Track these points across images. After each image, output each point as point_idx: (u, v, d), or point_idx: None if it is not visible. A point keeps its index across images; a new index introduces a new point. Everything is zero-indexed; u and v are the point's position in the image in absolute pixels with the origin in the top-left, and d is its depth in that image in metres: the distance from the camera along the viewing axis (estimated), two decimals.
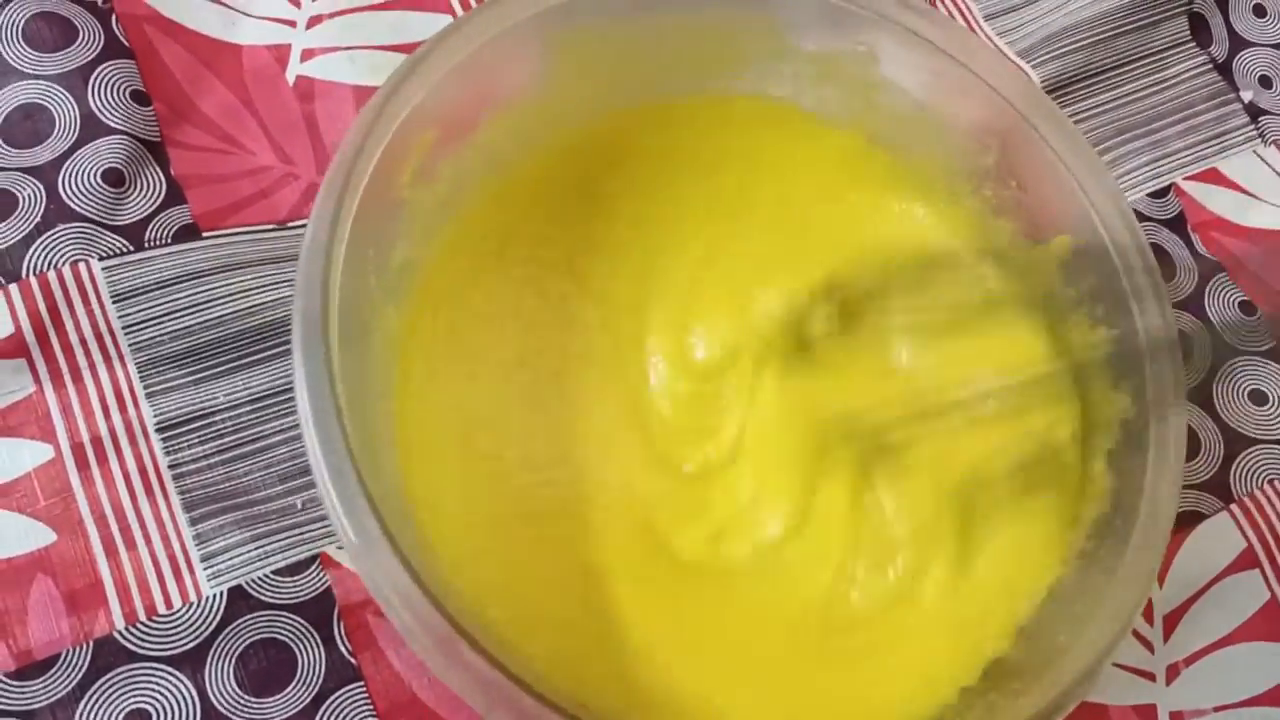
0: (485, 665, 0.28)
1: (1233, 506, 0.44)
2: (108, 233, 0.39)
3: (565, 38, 0.38)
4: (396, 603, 0.29)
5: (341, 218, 0.32)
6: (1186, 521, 0.44)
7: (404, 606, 0.29)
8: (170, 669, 0.35)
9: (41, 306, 0.38)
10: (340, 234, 0.32)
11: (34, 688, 0.34)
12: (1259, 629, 0.43)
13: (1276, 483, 0.45)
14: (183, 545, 0.36)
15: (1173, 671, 0.42)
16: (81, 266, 0.38)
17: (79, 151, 0.40)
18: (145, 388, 0.38)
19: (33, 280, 0.38)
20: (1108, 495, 0.37)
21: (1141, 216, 0.49)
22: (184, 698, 0.34)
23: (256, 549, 0.36)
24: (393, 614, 0.29)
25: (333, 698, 0.35)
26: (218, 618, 0.35)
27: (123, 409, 0.37)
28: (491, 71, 0.37)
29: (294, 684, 0.35)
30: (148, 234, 0.40)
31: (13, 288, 0.37)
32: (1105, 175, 0.39)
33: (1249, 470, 0.45)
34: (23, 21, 0.41)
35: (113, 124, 0.40)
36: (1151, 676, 0.41)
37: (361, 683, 0.36)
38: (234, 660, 0.35)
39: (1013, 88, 0.39)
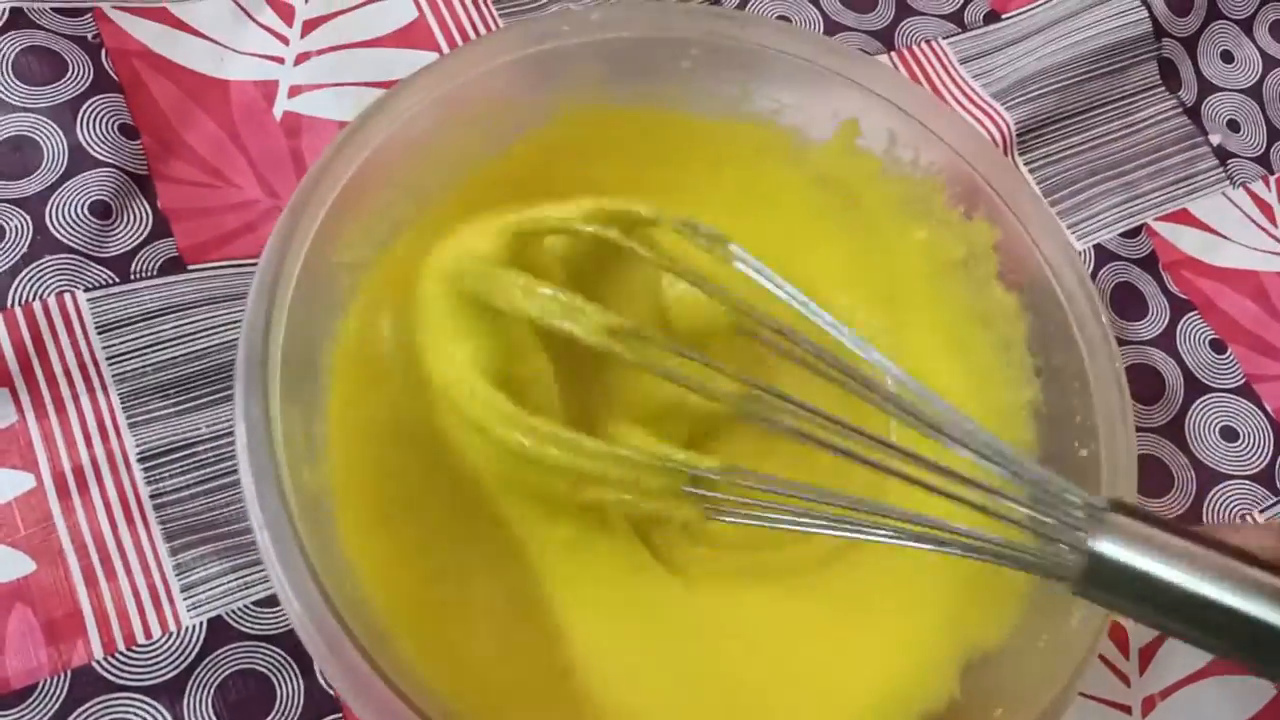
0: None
1: None
2: (94, 264, 0.39)
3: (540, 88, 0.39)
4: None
5: (286, 272, 0.32)
6: None
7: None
8: (148, 699, 0.35)
9: (26, 336, 0.38)
10: (289, 272, 0.32)
11: (10, 718, 0.34)
12: (1233, 663, 0.43)
13: (1249, 517, 0.46)
14: (163, 575, 0.36)
15: (1149, 704, 0.42)
16: (67, 297, 0.39)
17: (66, 184, 0.40)
18: (128, 418, 0.38)
19: (18, 310, 0.38)
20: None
21: (1113, 255, 0.50)
22: None
23: (237, 580, 0.36)
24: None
25: None
26: (197, 648, 0.35)
27: (105, 439, 0.37)
28: (462, 106, 0.38)
29: (273, 715, 0.35)
30: (133, 266, 0.40)
31: None
32: (1058, 230, 0.39)
33: (1222, 506, 0.46)
34: (13, 55, 0.42)
35: (101, 157, 0.41)
36: (1128, 709, 0.42)
37: (340, 715, 0.36)
38: (213, 691, 0.35)
39: (968, 145, 0.40)
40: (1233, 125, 0.55)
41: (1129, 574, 0.28)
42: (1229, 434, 0.47)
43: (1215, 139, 0.54)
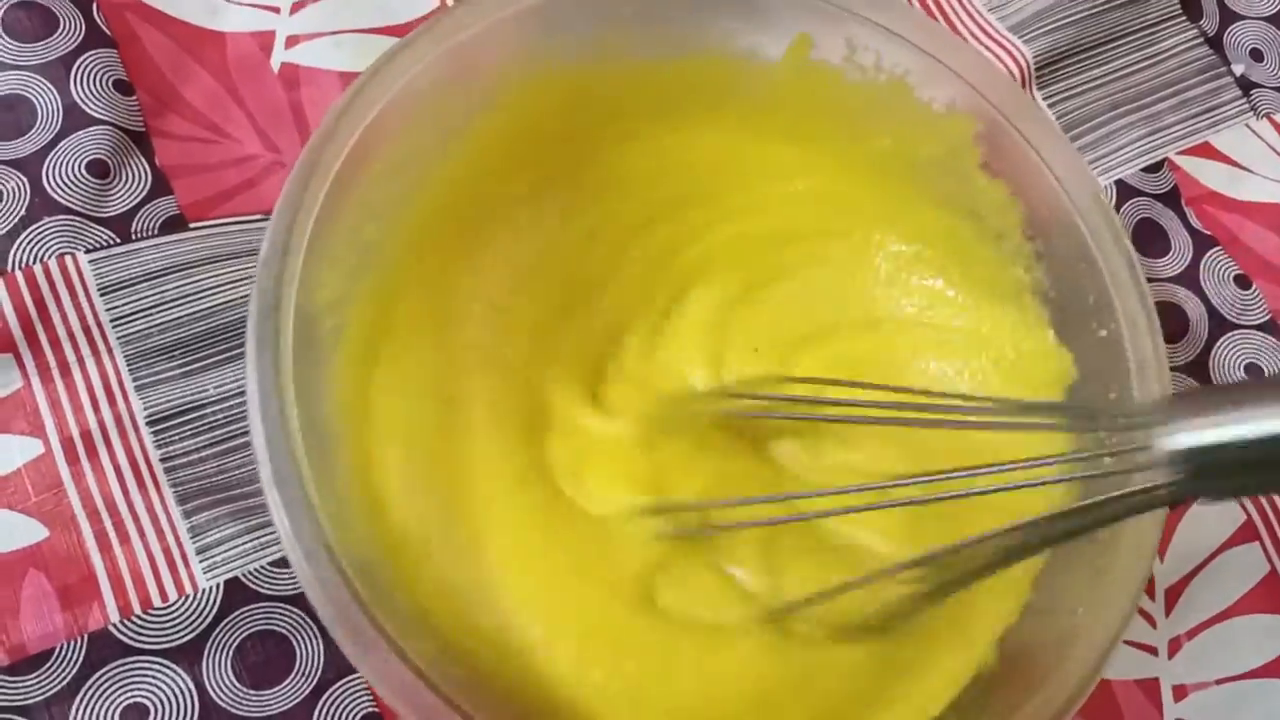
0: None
1: None
2: (94, 225, 0.39)
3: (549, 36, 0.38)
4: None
5: (301, 219, 0.31)
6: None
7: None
8: (167, 662, 0.34)
9: (28, 300, 0.37)
10: (300, 235, 0.31)
11: (28, 682, 0.33)
12: (1260, 601, 0.42)
13: None
14: (177, 538, 0.36)
15: (1175, 645, 0.41)
16: (68, 259, 0.38)
17: (62, 143, 0.39)
18: (135, 380, 0.37)
19: (19, 274, 0.37)
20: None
21: (1135, 191, 0.49)
22: (181, 691, 0.34)
23: (252, 541, 0.36)
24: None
25: (332, 689, 0.35)
26: (214, 610, 0.35)
27: (112, 402, 0.37)
28: (474, 59, 0.36)
29: (293, 675, 0.35)
30: (134, 225, 0.39)
31: None
32: (1082, 169, 0.38)
33: None
34: (2, 11, 0.41)
35: (96, 114, 0.40)
36: (1154, 650, 0.41)
37: (360, 674, 0.36)
38: (232, 653, 0.35)
39: (988, 82, 0.38)
40: (1256, 55, 0.53)
41: (1225, 450, 0.26)
42: (1255, 371, 0.47)
43: (1238, 69, 0.53)
